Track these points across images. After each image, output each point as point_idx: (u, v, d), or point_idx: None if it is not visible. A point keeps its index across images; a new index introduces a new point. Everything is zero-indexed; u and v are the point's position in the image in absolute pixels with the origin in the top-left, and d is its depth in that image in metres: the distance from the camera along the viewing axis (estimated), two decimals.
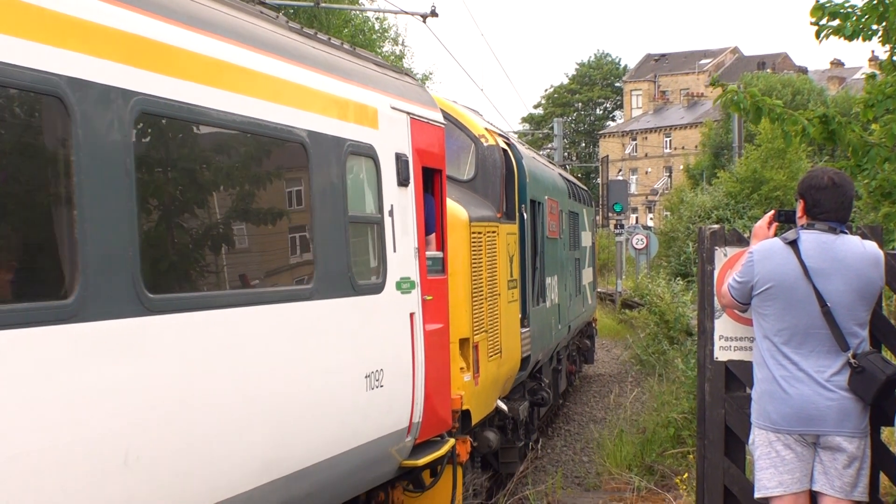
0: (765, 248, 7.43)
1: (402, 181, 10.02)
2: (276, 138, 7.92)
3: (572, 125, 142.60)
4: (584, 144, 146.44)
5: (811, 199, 7.32)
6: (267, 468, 7.46)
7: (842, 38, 10.57)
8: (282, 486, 7.68)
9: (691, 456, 10.58)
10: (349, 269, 8.84)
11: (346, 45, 10.19)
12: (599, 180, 76.70)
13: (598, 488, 15.93)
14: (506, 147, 15.63)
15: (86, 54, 5.80)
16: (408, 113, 10.46)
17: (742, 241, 8.19)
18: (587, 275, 28.60)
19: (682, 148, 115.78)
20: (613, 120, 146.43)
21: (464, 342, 12.28)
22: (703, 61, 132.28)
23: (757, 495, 7.44)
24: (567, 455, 19.41)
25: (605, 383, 28.42)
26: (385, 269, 9.54)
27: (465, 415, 11.93)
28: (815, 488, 7.25)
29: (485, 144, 14.48)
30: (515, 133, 33.28)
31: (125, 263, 5.99)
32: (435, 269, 11.03)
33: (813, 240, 7.23)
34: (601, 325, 39.11)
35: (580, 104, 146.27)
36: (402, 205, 9.98)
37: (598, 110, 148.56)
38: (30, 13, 5.43)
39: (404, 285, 9.91)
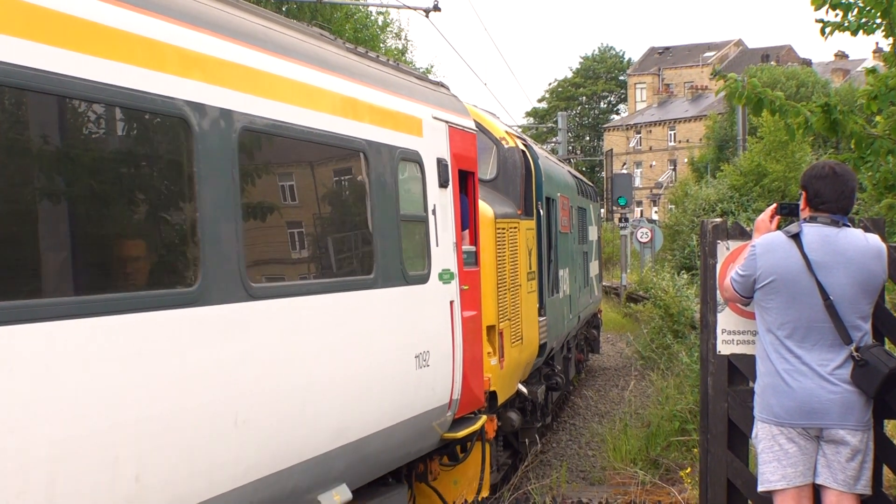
0: (767, 241, 7.41)
1: (443, 183, 11.10)
2: (344, 148, 9.05)
3: (576, 119, 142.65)
4: (588, 138, 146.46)
5: (812, 190, 7.31)
6: (339, 434, 8.55)
7: (846, 33, 10.55)
8: (350, 451, 8.78)
9: (696, 450, 10.57)
10: (402, 262, 9.93)
11: (391, 61, 11.39)
12: (604, 174, 76.66)
13: (602, 482, 15.93)
14: (524, 148, 16.81)
15: (207, 83, 7.03)
16: (446, 122, 11.54)
17: (744, 235, 8.17)
18: (594, 267, 29.97)
19: (687, 141, 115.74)
20: (618, 113, 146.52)
21: (490, 329, 13.24)
22: (707, 54, 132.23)
23: (760, 489, 7.42)
24: (572, 449, 19.41)
25: (610, 377, 28.42)
26: (429, 262, 10.64)
27: (492, 396, 13.06)
28: (819, 482, 7.24)
29: (505, 146, 15.81)
30: (519, 127, 33.20)
31: (235, 258, 7.14)
32: (469, 262, 12.10)
33: (815, 233, 7.22)
34: (606, 318, 39.15)
35: (584, 98, 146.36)
36: (442, 204, 11.06)
37: (602, 104, 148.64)
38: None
39: (445, 276, 10.99)
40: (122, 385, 5.96)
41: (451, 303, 11.13)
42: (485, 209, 13.48)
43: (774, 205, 7.88)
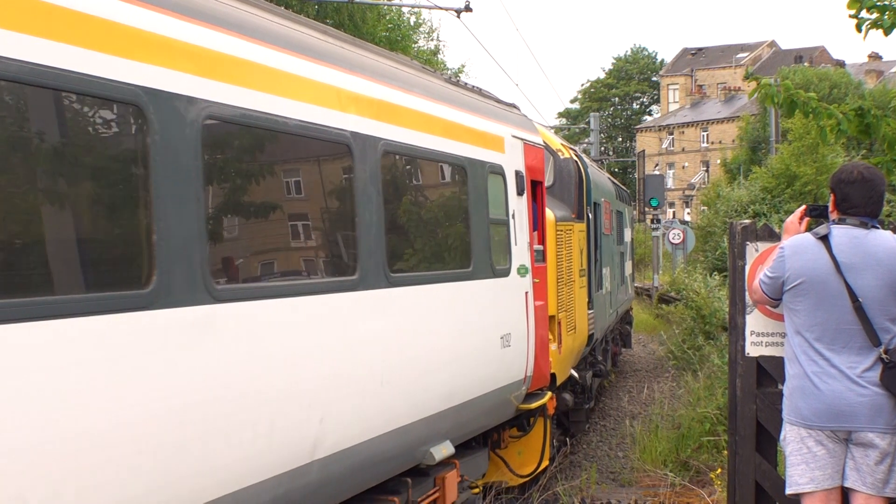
0: (796, 243, 7.40)
1: (520, 191, 12.76)
2: (452, 164, 10.88)
3: (609, 120, 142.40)
4: (620, 139, 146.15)
5: (841, 194, 7.30)
6: (448, 398, 10.32)
7: (880, 31, 10.48)
8: (454, 413, 10.51)
9: (726, 451, 10.57)
10: (490, 258, 11.59)
11: (475, 87, 13.13)
12: (636, 175, 76.41)
13: (632, 484, 15.90)
14: (576, 159, 18.77)
15: (362, 116, 8.82)
16: (521, 139, 13.24)
17: (773, 237, 8.17)
18: (628, 267, 32.76)
19: (720, 142, 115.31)
20: (650, 114, 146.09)
21: (552, 318, 14.82)
22: (741, 55, 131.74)
23: (788, 491, 7.41)
24: (602, 450, 19.38)
25: (641, 378, 28.34)
26: (510, 258, 12.27)
27: (552, 377, 14.66)
28: (847, 485, 7.22)
29: (561, 157, 17.81)
30: (551, 128, 33.33)
31: (380, 254, 8.90)
32: (538, 259, 13.81)
33: (844, 235, 7.21)
34: (638, 319, 39.12)
35: (617, 98, 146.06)
36: (519, 209, 12.72)
37: (634, 105, 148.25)
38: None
39: (522, 271, 12.62)
40: (311, 348, 7.83)
41: (526, 293, 12.78)
42: (548, 213, 15.21)
43: (803, 207, 7.87)
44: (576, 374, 17.67)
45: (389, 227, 9.16)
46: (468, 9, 24.42)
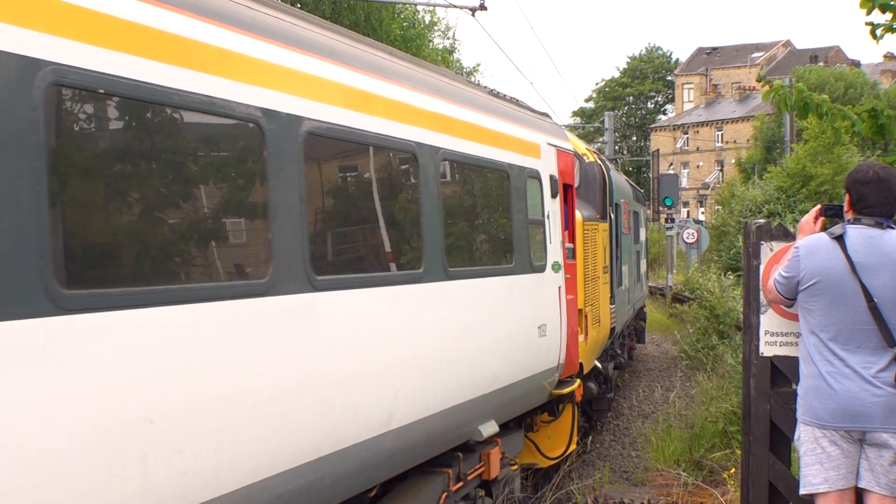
0: (811, 242, 7.39)
1: (553, 194, 13.83)
2: (497, 170, 11.81)
3: (623, 119, 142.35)
4: (635, 138, 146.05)
5: (856, 194, 7.28)
6: (494, 381, 11.25)
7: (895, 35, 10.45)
8: (499, 394, 11.39)
9: (739, 451, 10.58)
10: (529, 255, 12.55)
11: (512, 98, 14.02)
12: (651, 174, 76.39)
13: (645, 483, 15.89)
14: (599, 162, 20.01)
15: (425, 128, 9.81)
16: (554, 146, 14.24)
17: (788, 236, 8.16)
18: (643, 265, 34.12)
19: (734, 142, 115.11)
20: (665, 113, 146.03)
21: (579, 311, 15.80)
22: (755, 55, 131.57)
23: (802, 492, 7.40)
24: (615, 450, 19.37)
25: (655, 378, 28.32)
26: (546, 255, 13.26)
27: (580, 366, 15.66)
28: (861, 485, 7.21)
29: (586, 161, 18.98)
30: (566, 126, 33.58)
31: (440, 251, 9.87)
32: (569, 257, 14.87)
33: (859, 234, 7.19)
34: (652, 318, 39.10)
35: (631, 98, 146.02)
36: (553, 210, 13.81)
37: (649, 104, 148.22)
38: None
39: (555, 267, 13.65)
40: (389, 331, 8.83)
41: (559, 288, 13.79)
42: (576, 214, 16.24)
43: (819, 206, 7.86)
44: (599, 365, 18.83)
45: (447, 226, 10.21)
46: (483, 7, 24.41)
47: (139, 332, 5.80)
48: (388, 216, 9.20)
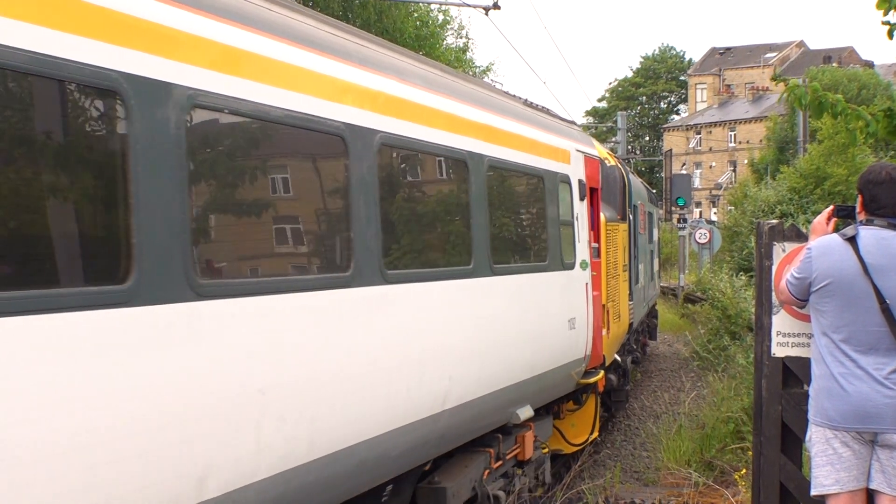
0: (823, 244, 7.37)
1: (581, 197, 14.84)
2: (533, 175, 12.76)
3: (636, 118, 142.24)
4: (647, 138, 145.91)
5: (869, 195, 7.27)
6: (530, 368, 12.19)
7: None
8: (535, 381, 12.39)
9: (750, 452, 10.58)
10: (561, 253, 13.47)
11: (544, 107, 15.16)
12: (663, 174, 76.26)
13: (656, 483, 15.88)
14: (620, 166, 21.25)
15: (474, 138, 10.74)
16: (582, 152, 15.31)
17: (800, 237, 8.15)
18: (656, 264, 35.37)
19: (747, 142, 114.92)
20: (678, 113, 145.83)
21: (602, 306, 16.61)
22: (769, 55, 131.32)
23: (813, 492, 7.39)
24: (626, 450, 19.36)
25: (666, 378, 28.30)
26: (575, 254, 14.23)
27: (603, 358, 16.57)
28: (873, 486, 7.20)
29: (608, 165, 19.51)
30: (579, 126, 33.89)
31: (486, 249, 10.78)
32: (594, 255, 15.88)
33: (871, 236, 7.18)
34: (663, 319, 39.07)
35: (644, 98, 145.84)
36: (581, 212, 14.81)
37: (662, 104, 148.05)
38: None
39: (583, 265, 14.63)
40: (446, 320, 9.83)
41: (586, 284, 14.76)
42: (600, 215, 17.23)
43: (831, 207, 7.85)
44: (619, 358, 19.88)
45: (492, 227, 11.07)
46: (496, 6, 24.39)
47: (258, 317, 6.80)
48: (444, 218, 10.39)
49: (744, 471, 13.04)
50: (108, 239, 5.73)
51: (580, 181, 14.85)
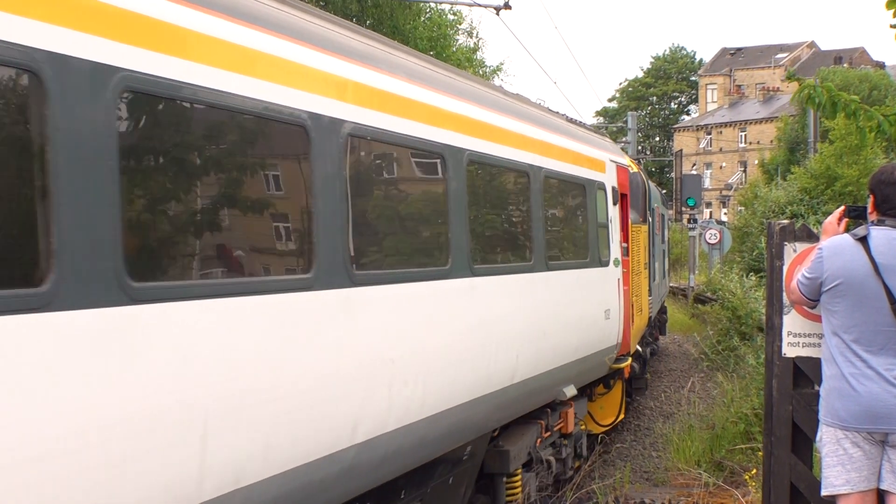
0: (834, 244, 7.37)
1: (615, 202, 16.61)
2: (577, 183, 14.36)
3: (647, 119, 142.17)
4: (658, 138, 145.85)
5: (881, 195, 7.26)
6: (575, 352, 13.73)
7: None
8: (577, 364, 13.95)
9: (760, 452, 10.58)
10: (599, 252, 15.14)
11: (581, 122, 17.28)
12: (673, 174, 76.22)
13: (666, 483, 15.87)
14: (641, 172, 23.06)
15: (534, 153, 12.39)
16: (615, 162, 17.21)
17: (812, 237, 8.14)
18: (666, 263, 37.73)
19: (758, 143, 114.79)
20: (688, 114, 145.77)
21: (629, 300, 18.26)
22: (780, 55, 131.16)
23: (824, 493, 7.39)
24: (636, 450, 19.35)
25: (676, 378, 28.27)
26: (609, 253, 15.88)
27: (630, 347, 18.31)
28: (883, 487, 7.19)
29: (631, 171, 20.55)
30: (590, 126, 34.31)
31: (542, 247, 12.25)
32: (624, 254, 17.62)
33: (883, 236, 7.17)
34: (673, 319, 39.05)
35: (655, 98, 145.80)
36: (614, 215, 16.49)
37: (672, 104, 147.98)
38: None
39: (616, 262, 16.32)
40: (515, 307, 11.36)
41: (618, 280, 16.42)
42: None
43: (842, 207, 7.84)
44: (640, 349, 21.41)
45: (546, 228, 12.55)
46: (507, 6, 24.41)
47: (391, 301, 8.38)
48: (510, 222, 12.19)
49: (754, 471, 13.04)
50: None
51: (613, 188, 16.64)
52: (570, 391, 13.71)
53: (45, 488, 4.90)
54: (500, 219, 11.82)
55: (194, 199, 6.32)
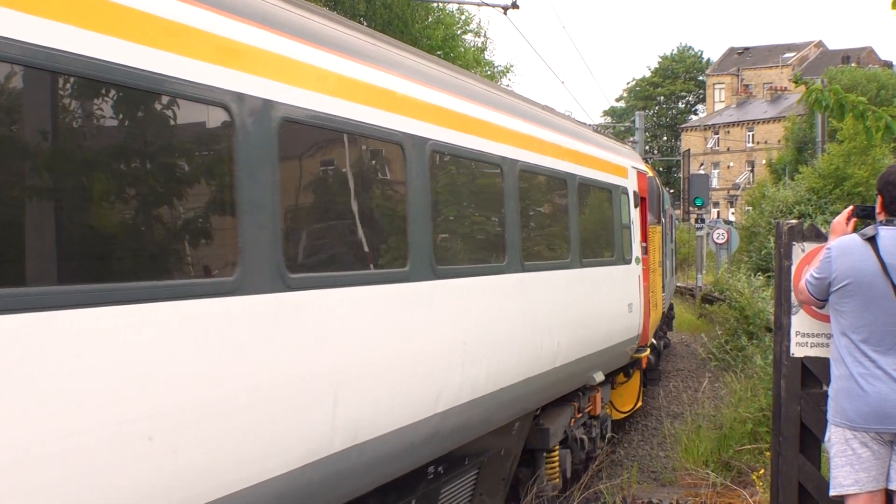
0: (843, 244, 7.37)
1: (636, 205, 18.03)
2: (605, 189, 15.77)
3: (654, 118, 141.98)
4: (665, 138, 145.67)
5: (889, 195, 7.25)
6: (604, 341, 15.17)
7: None
8: (606, 352, 15.37)
9: (768, 452, 10.57)
10: (623, 251, 16.51)
11: (606, 132, 19.51)
12: (681, 174, 76.12)
13: (673, 483, 15.85)
14: (655, 177, 23.91)
15: (571, 162, 13.73)
16: (636, 168, 18.70)
17: (820, 237, 8.14)
18: (675, 261, 40.42)
19: (765, 142, 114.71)
20: (696, 113, 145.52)
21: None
22: (787, 55, 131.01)
23: (832, 493, 7.39)
24: (644, 450, 19.33)
25: (683, 378, 28.21)
26: (631, 251, 17.24)
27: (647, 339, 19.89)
28: (892, 487, 7.20)
29: (648, 176, 21.66)
30: (597, 126, 34.69)
31: (579, 247, 13.62)
32: (644, 253, 18.93)
33: (891, 236, 7.17)
34: (681, 319, 39.04)
35: (662, 97, 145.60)
36: (635, 217, 17.87)
37: (680, 104, 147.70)
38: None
39: (637, 260, 17.69)
40: (557, 299, 12.51)
41: (639, 276, 17.86)
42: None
43: (851, 207, 7.83)
44: (654, 341, 23.21)
45: (581, 229, 13.84)
46: (515, 6, 24.42)
47: (462, 290, 9.56)
48: (554, 224, 13.40)
49: (762, 471, 13.03)
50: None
51: (634, 192, 18.08)
52: (599, 377, 15.03)
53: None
54: (543, 221, 13.18)
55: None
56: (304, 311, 6.80)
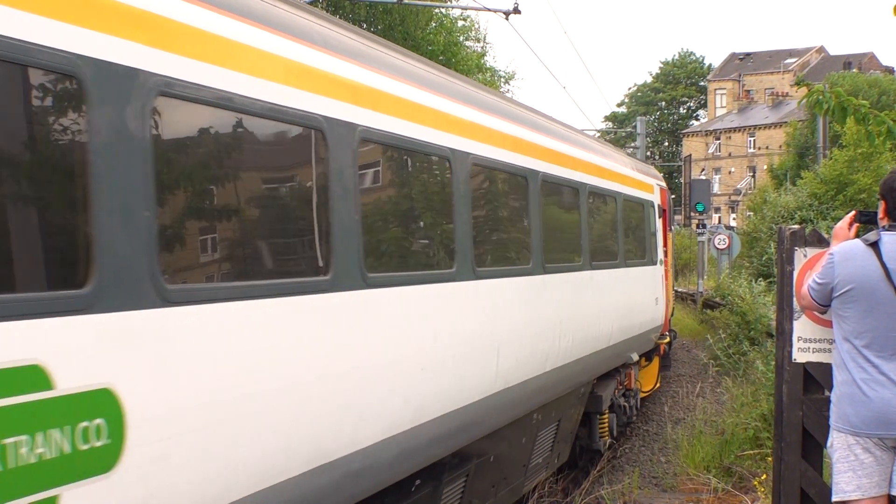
0: (845, 249, 7.35)
1: (659, 216, 21.29)
2: (640, 203, 19.01)
3: (655, 124, 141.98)
4: (667, 143, 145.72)
5: (893, 200, 7.24)
6: (639, 328, 18.45)
7: None
8: (639, 337, 18.61)
9: (770, 458, 10.56)
10: (651, 254, 19.85)
11: (627, 152, 24.03)
12: (682, 179, 76.13)
13: (674, 489, 15.83)
14: (668, 190, 26.40)
15: (603, 178, 16.36)
16: (659, 185, 22.23)
17: (822, 242, 8.13)
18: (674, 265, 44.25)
19: (766, 148, 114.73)
20: (697, 119, 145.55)
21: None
22: (789, 60, 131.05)
23: (834, 499, 7.37)
24: (645, 455, 19.32)
25: (685, 384, 28.21)
26: (656, 254, 20.50)
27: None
28: (894, 493, 7.18)
29: (665, 190, 25.16)
30: (598, 132, 34.70)
31: (623, 250, 16.87)
32: (664, 256, 22.01)
33: (894, 241, 7.15)
34: (682, 324, 39.04)
35: (664, 103, 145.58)
36: (658, 226, 21.08)
37: (681, 109, 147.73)
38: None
39: (660, 262, 21.04)
40: (611, 291, 15.58)
41: (662, 276, 21.20)
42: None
43: (853, 212, 7.82)
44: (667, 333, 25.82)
45: (624, 235, 16.84)
46: (517, 10, 24.43)
47: (494, 290, 10.54)
48: (608, 232, 16.19)
49: (763, 476, 13.01)
50: None
51: (658, 205, 21.47)
52: (635, 356, 18.48)
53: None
54: (601, 230, 15.85)
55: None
56: (380, 305, 7.95)
